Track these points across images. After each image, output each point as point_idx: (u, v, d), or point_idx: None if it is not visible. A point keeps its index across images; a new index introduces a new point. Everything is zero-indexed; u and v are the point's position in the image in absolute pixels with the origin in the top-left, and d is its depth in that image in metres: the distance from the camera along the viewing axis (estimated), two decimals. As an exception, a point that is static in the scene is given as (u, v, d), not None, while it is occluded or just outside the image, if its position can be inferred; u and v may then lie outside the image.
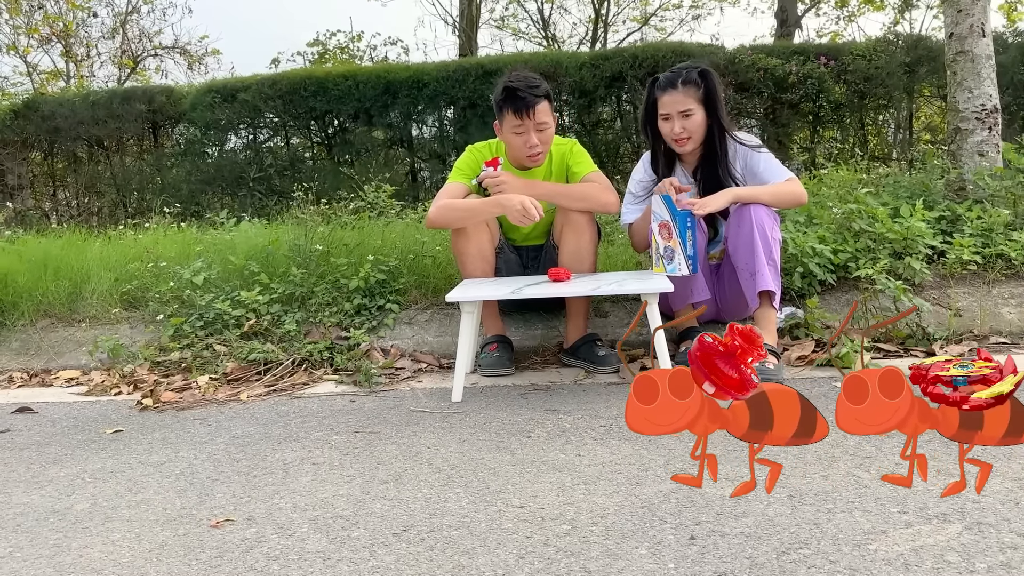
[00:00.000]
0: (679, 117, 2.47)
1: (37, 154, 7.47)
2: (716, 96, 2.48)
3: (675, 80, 2.49)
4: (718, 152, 2.53)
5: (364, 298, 3.02)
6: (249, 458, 1.87)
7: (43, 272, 3.43)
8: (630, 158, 6.49)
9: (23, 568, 1.34)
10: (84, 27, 13.68)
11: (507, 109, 2.47)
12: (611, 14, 15.27)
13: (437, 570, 1.24)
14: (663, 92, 2.50)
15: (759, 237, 2.36)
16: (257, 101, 6.59)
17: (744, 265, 2.40)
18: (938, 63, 5.86)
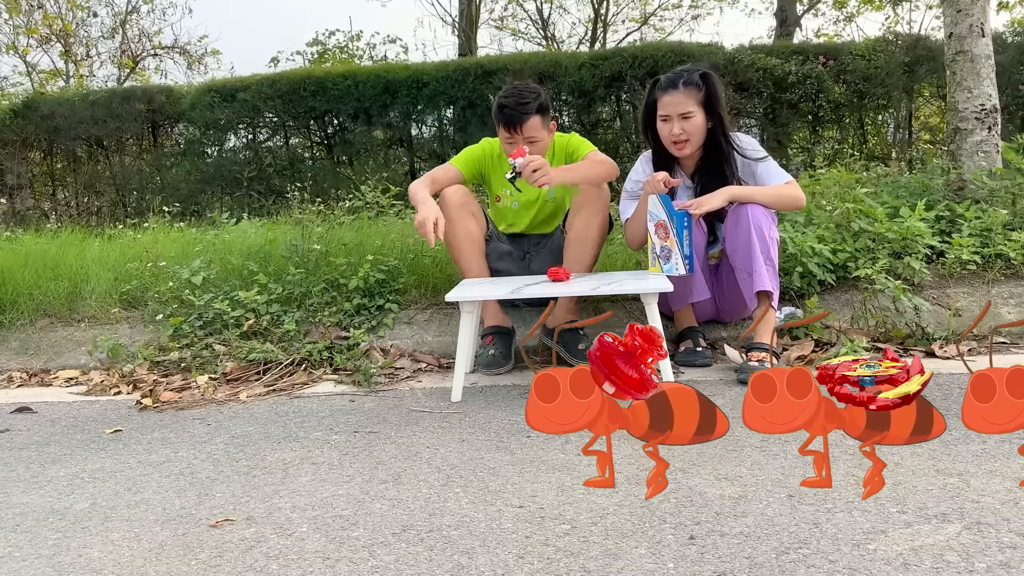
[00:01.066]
0: (678, 119, 2.46)
1: (36, 154, 7.47)
2: (717, 99, 2.47)
3: (676, 81, 2.48)
4: (724, 155, 2.52)
5: (364, 298, 3.02)
6: (248, 458, 1.87)
7: (42, 271, 3.43)
8: (629, 157, 6.48)
9: (22, 568, 1.34)
10: (84, 27, 13.69)
11: (499, 123, 2.57)
12: (610, 14, 15.27)
13: (437, 570, 1.24)
14: (663, 93, 2.49)
15: (756, 237, 2.35)
16: (256, 101, 6.59)
17: (742, 265, 2.40)
18: (937, 63, 5.87)
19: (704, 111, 2.47)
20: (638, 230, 2.56)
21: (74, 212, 7.24)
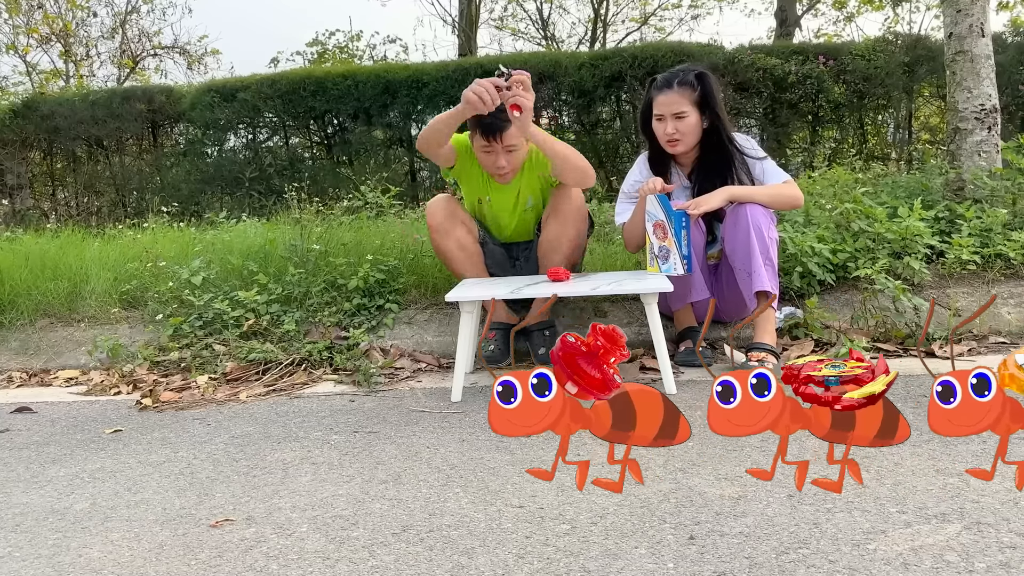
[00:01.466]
0: (672, 118, 2.47)
1: (36, 154, 7.47)
2: (713, 99, 2.48)
3: (671, 81, 2.49)
4: (723, 155, 2.52)
5: (363, 298, 3.02)
6: (248, 458, 1.87)
7: (42, 272, 3.43)
8: (629, 157, 6.49)
9: (22, 568, 1.34)
10: (84, 27, 13.69)
11: (476, 130, 2.50)
12: (610, 14, 15.28)
13: (436, 570, 1.24)
14: (658, 92, 2.51)
15: (755, 237, 2.35)
16: (256, 101, 6.59)
17: (741, 265, 2.40)
18: (937, 63, 5.87)
19: (699, 111, 2.48)
20: (636, 232, 2.56)
21: (74, 212, 7.24)
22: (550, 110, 6.68)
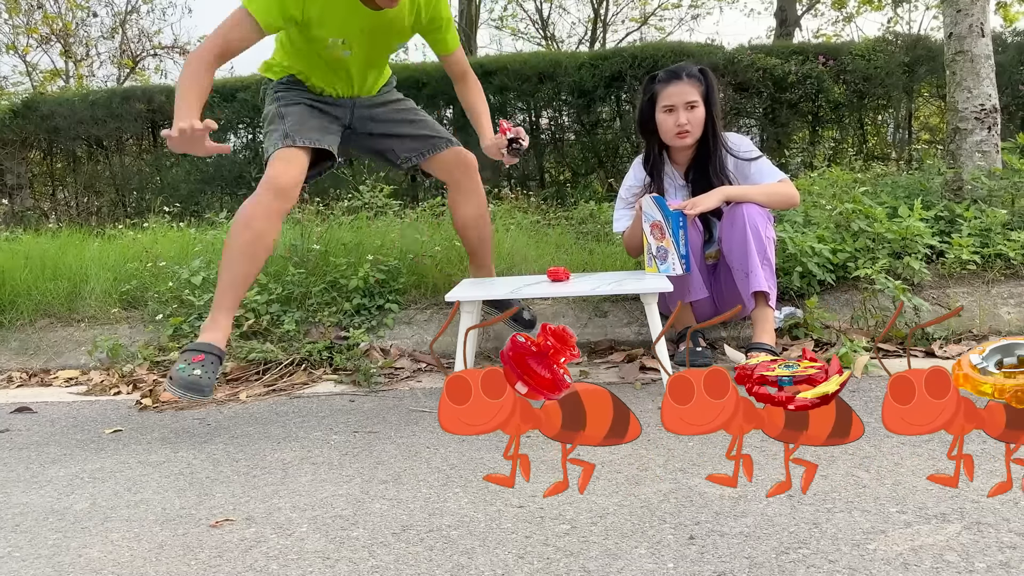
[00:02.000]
0: (684, 108, 2.46)
1: (36, 154, 7.47)
2: (714, 95, 2.50)
3: (679, 73, 2.49)
4: (710, 152, 2.53)
5: (363, 298, 3.02)
6: (248, 458, 1.87)
7: (42, 272, 3.43)
8: (629, 157, 6.49)
9: (22, 568, 1.34)
10: (83, 27, 13.69)
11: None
12: (610, 14, 15.28)
13: (436, 570, 1.24)
14: (665, 85, 2.50)
15: (752, 236, 2.35)
16: (256, 101, 6.58)
17: (738, 265, 2.40)
18: (937, 63, 5.87)
19: (704, 105, 2.48)
20: (636, 238, 2.56)
21: (74, 212, 7.24)
22: (550, 110, 6.68)
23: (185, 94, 1.96)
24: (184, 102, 1.95)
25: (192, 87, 1.97)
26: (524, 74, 6.24)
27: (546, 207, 5.27)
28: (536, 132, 6.73)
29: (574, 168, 6.74)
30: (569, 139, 6.79)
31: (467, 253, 2.72)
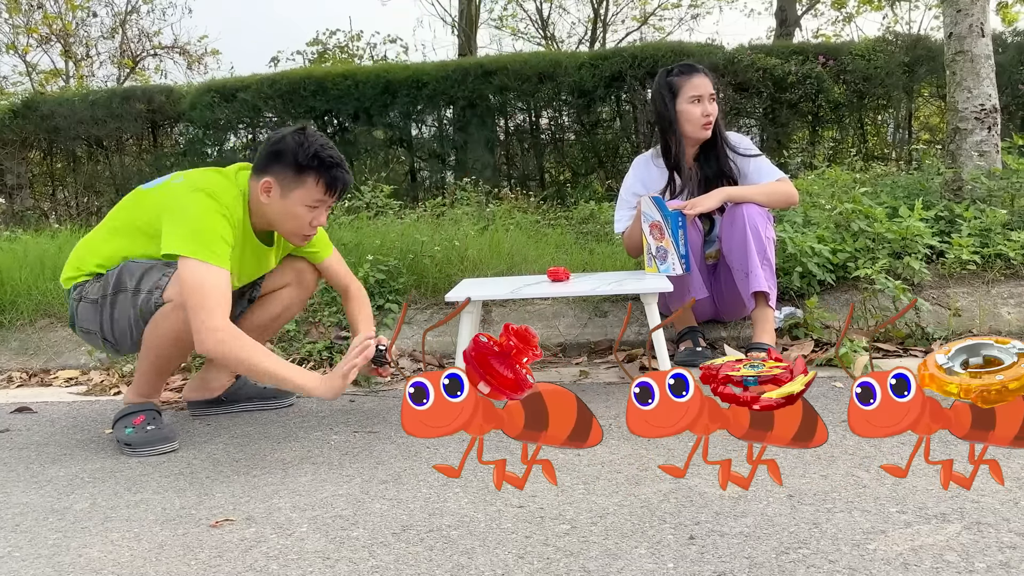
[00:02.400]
0: (709, 100, 2.50)
1: (36, 154, 7.46)
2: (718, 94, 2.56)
3: (697, 67, 2.54)
4: (719, 146, 2.56)
5: (363, 298, 3.02)
6: (248, 458, 1.87)
7: (42, 271, 3.43)
8: (629, 157, 6.48)
9: (22, 568, 1.34)
10: (83, 27, 13.69)
11: (316, 179, 1.95)
12: (610, 14, 15.27)
13: (436, 570, 1.24)
14: (689, 77, 2.51)
15: (752, 237, 2.36)
16: (256, 101, 6.59)
17: (738, 266, 2.40)
18: (937, 63, 5.86)
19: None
20: (636, 237, 2.56)
21: (74, 212, 7.24)
22: (550, 110, 6.68)
23: (276, 361, 1.81)
24: (285, 367, 1.81)
25: (265, 352, 1.82)
26: (524, 74, 6.24)
27: (546, 207, 5.27)
28: (536, 132, 6.72)
29: (574, 168, 6.74)
30: (569, 139, 6.78)
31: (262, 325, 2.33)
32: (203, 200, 1.89)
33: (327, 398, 1.80)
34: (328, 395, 1.80)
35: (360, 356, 1.83)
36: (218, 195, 1.92)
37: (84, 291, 2.00)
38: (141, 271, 1.94)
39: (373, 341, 1.88)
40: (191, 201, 1.89)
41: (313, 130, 1.99)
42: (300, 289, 2.29)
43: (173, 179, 2.01)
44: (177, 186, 1.97)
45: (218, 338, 1.77)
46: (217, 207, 1.89)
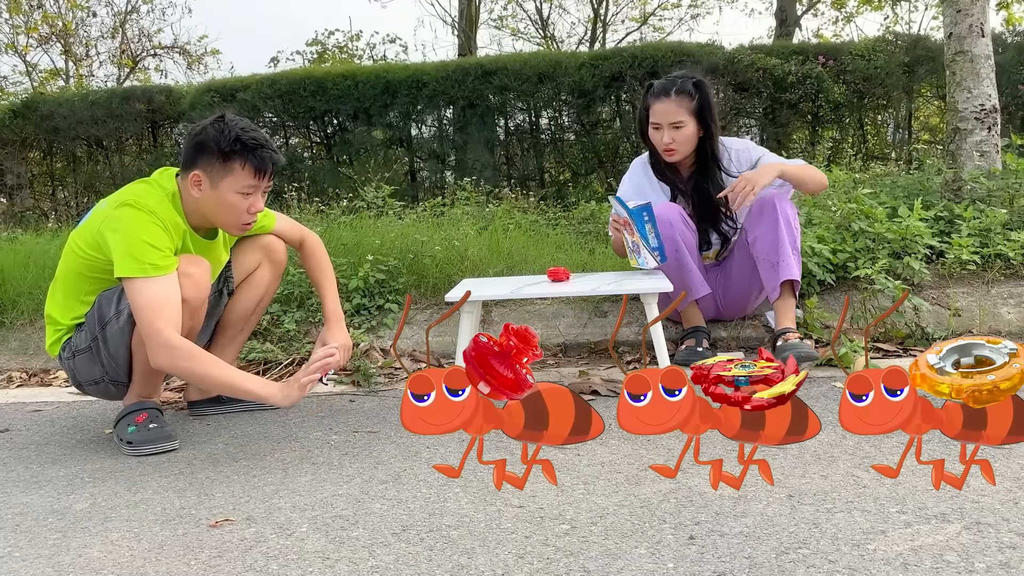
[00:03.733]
0: (669, 128, 2.45)
1: (36, 154, 7.47)
2: (710, 109, 2.47)
3: (669, 89, 2.46)
4: (707, 167, 2.53)
5: (363, 298, 3.02)
6: (248, 458, 1.87)
7: (42, 272, 3.43)
8: (629, 158, 6.48)
9: (22, 568, 1.34)
10: (83, 27, 13.68)
11: (243, 163, 1.90)
12: (610, 14, 15.27)
13: (436, 570, 1.24)
14: (655, 100, 2.48)
15: (784, 226, 2.40)
16: (256, 101, 6.59)
17: (766, 255, 2.42)
18: (937, 63, 5.86)
19: (696, 120, 2.46)
20: (617, 236, 2.58)
21: (74, 212, 7.24)
22: (550, 110, 6.68)
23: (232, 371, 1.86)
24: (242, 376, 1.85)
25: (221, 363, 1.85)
26: (524, 74, 6.24)
27: (546, 207, 5.27)
28: (536, 132, 6.72)
29: (574, 168, 6.74)
30: (569, 139, 6.79)
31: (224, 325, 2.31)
32: (127, 213, 1.87)
33: (283, 406, 1.83)
34: (284, 404, 1.84)
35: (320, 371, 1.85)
36: (141, 203, 1.88)
37: (73, 346, 1.99)
38: (115, 295, 1.93)
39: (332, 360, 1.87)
40: (116, 219, 1.87)
41: (232, 115, 1.96)
42: (273, 265, 2.28)
43: (96, 208, 2.00)
44: (101, 211, 1.95)
45: (171, 355, 1.79)
46: (143, 216, 1.86)
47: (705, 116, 2.47)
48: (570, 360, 2.74)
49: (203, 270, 1.98)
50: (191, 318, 1.96)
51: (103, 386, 2.03)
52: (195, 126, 1.96)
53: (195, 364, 1.80)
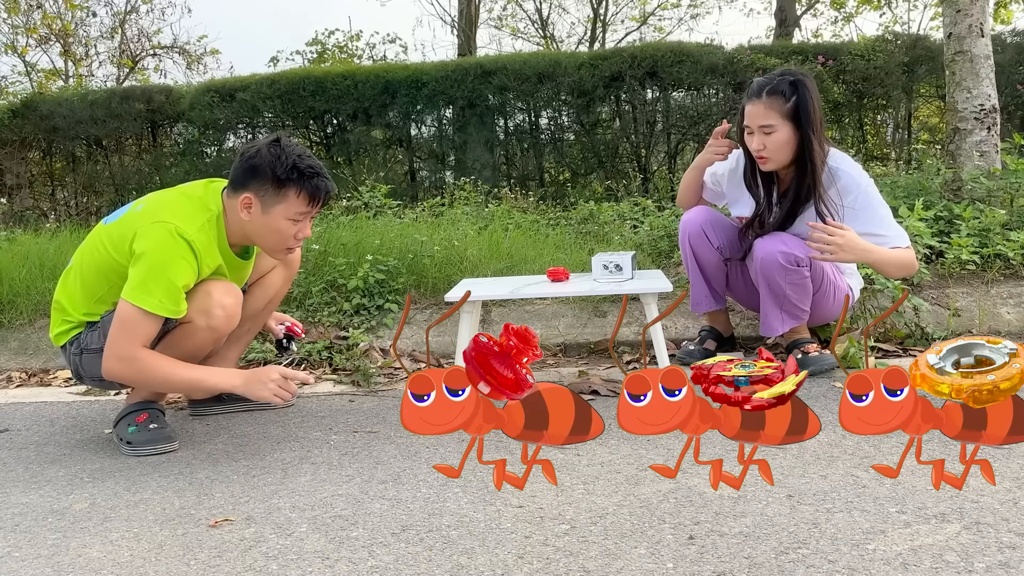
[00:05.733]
0: (759, 132, 2.22)
1: (36, 153, 7.46)
2: (807, 112, 2.19)
3: (761, 89, 2.22)
4: (807, 181, 2.25)
5: (363, 298, 3.02)
6: (248, 458, 1.87)
7: (41, 271, 3.42)
8: (628, 158, 6.49)
9: (22, 568, 1.34)
10: (83, 27, 13.68)
11: (298, 191, 1.89)
12: (609, 14, 15.28)
13: (436, 570, 1.24)
14: (748, 101, 2.26)
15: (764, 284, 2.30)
16: (256, 101, 6.58)
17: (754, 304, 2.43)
18: (937, 63, 5.86)
19: (793, 124, 2.20)
20: (689, 194, 2.53)
21: (73, 212, 7.24)
22: (549, 110, 6.67)
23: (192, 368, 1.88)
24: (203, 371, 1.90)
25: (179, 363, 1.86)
26: (524, 74, 6.24)
27: (545, 207, 5.27)
28: (536, 132, 6.72)
29: (574, 168, 6.74)
30: (568, 139, 6.78)
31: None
32: (163, 237, 1.82)
33: (252, 397, 1.87)
34: (250, 393, 1.86)
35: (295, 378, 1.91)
36: (181, 229, 1.84)
37: (83, 343, 1.98)
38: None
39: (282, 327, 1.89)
40: (149, 236, 1.83)
41: (288, 140, 1.94)
42: (289, 269, 2.29)
43: (133, 207, 1.96)
44: (136, 215, 1.91)
45: (128, 365, 1.82)
46: (177, 248, 1.82)
47: (801, 120, 2.19)
48: (570, 360, 2.74)
49: (236, 301, 1.97)
50: (214, 344, 2.00)
51: (106, 383, 2.04)
52: (248, 147, 1.94)
53: (154, 369, 1.82)
